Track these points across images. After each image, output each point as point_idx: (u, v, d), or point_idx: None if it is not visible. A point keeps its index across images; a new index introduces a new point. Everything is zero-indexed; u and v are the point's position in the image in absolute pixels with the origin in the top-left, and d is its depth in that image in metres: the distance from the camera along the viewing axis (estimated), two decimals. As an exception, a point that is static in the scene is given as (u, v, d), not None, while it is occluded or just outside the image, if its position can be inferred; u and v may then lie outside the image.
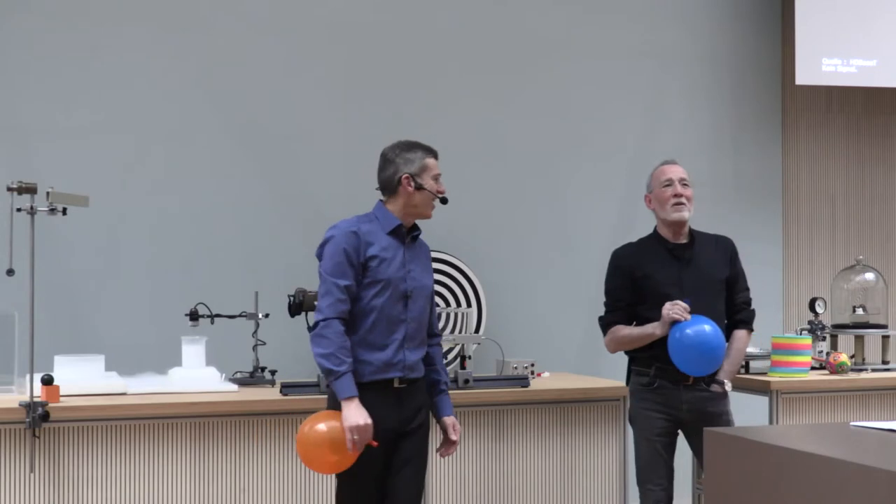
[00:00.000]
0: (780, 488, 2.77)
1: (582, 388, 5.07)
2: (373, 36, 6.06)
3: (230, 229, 5.79)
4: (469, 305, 5.97)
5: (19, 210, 4.17)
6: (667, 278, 4.50)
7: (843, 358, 5.30)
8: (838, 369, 5.26)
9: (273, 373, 5.04)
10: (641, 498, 4.57)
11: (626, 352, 4.62)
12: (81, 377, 4.58)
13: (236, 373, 5.06)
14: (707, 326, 4.37)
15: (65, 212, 4.25)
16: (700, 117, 6.68)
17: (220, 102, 5.78)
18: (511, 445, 4.90)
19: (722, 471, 3.03)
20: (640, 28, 6.57)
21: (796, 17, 6.47)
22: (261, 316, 5.06)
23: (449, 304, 5.95)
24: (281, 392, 4.68)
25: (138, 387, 4.65)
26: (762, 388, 5.11)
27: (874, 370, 5.41)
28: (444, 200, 4.01)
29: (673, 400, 4.49)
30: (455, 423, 4.10)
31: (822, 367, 5.37)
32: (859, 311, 5.67)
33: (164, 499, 4.41)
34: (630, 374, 4.64)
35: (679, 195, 4.51)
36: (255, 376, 5.01)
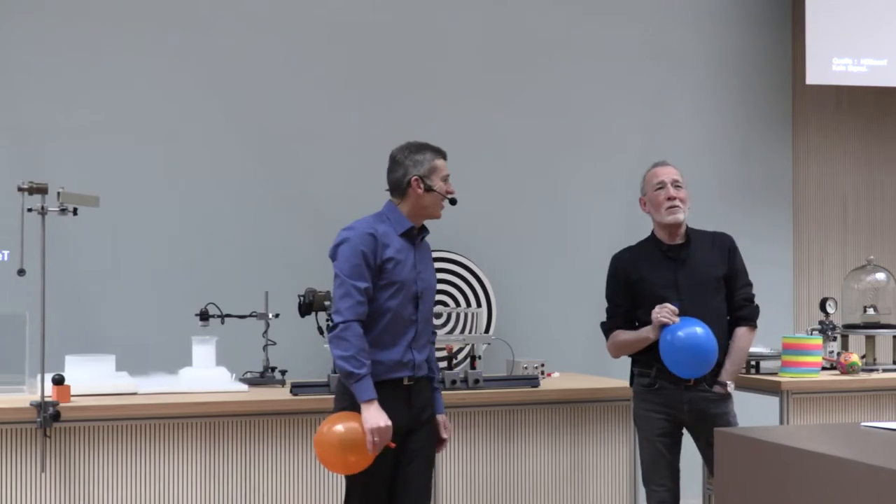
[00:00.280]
0: (791, 488, 2.77)
1: (592, 389, 5.07)
2: (375, 36, 6.06)
3: (241, 229, 5.79)
4: (479, 305, 5.97)
5: (30, 210, 4.19)
6: (662, 280, 4.48)
7: (854, 358, 5.29)
8: (849, 369, 5.25)
9: (283, 373, 5.04)
10: (647, 498, 4.57)
11: (629, 354, 4.61)
12: (92, 377, 4.59)
13: (246, 373, 5.07)
14: (698, 329, 4.31)
15: (75, 212, 4.26)
16: (709, 118, 6.67)
17: (229, 103, 5.79)
18: (521, 445, 4.90)
19: (732, 471, 3.03)
20: (649, 28, 6.56)
21: (806, 16, 6.45)
22: (271, 316, 5.07)
23: (459, 305, 5.95)
24: (291, 392, 4.68)
25: (149, 387, 4.66)
26: (773, 389, 5.10)
27: (885, 370, 5.40)
28: (453, 201, 4.04)
29: (674, 401, 4.48)
30: (446, 421, 4.16)
31: (832, 368, 5.36)
32: (870, 311, 5.66)
33: (174, 498, 4.42)
34: (633, 375, 4.64)
35: (672, 197, 4.48)
36: (265, 376, 5.02)
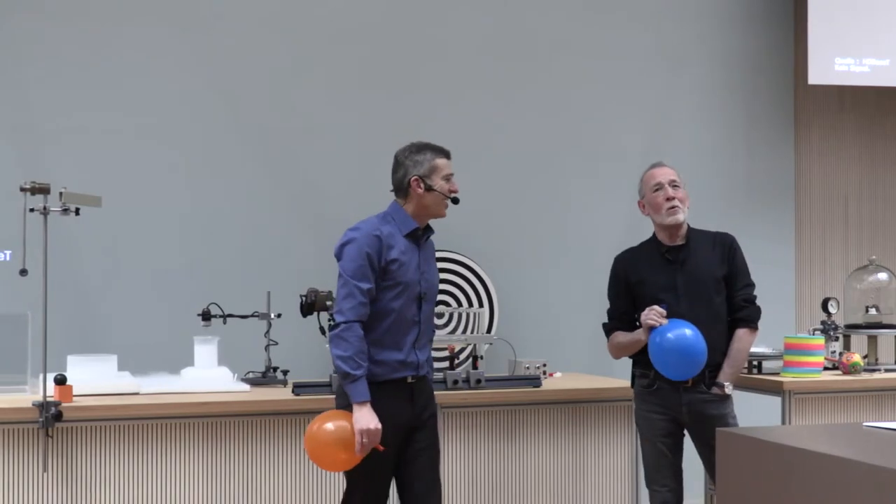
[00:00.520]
0: (793, 489, 2.77)
1: (594, 389, 5.07)
2: (376, 37, 6.05)
3: (243, 229, 5.79)
4: (481, 305, 5.97)
5: (32, 210, 4.19)
6: (660, 282, 4.47)
7: (856, 358, 5.29)
8: (851, 369, 5.25)
9: (285, 373, 5.05)
10: (650, 499, 4.57)
11: (629, 355, 4.61)
12: (94, 377, 4.59)
13: (248, 373, 5.07)
14: (687, 330, 4.30)
15: (77, 212, 4.27)
16: (712, 117, 6.67)
17: (231, 103, 5.79)
18: (523, 445, 4.90)
19: (734, 471, 3.03)
20: (651, 28, 6.55)
21: (809, 16, 6.45)
22: (273, 316, 5.07)
23: (461, 305, 5.95)
24: (293, 392, 4.69)
25: (151, 387, 4.66)
26: (775, 389, 5.09)
27: (887, 370, 5.39)
28: (454, 200, 4.04)
29: (673, 402, 4.47)
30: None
31: (834, 368, 5.35)
32: (872, 311, 5.65)
33: (176, 498, 4.42)
34: (633, 376, 4.63)
35: (671, 198, 4.47)
36: (267, 376, 5.02)
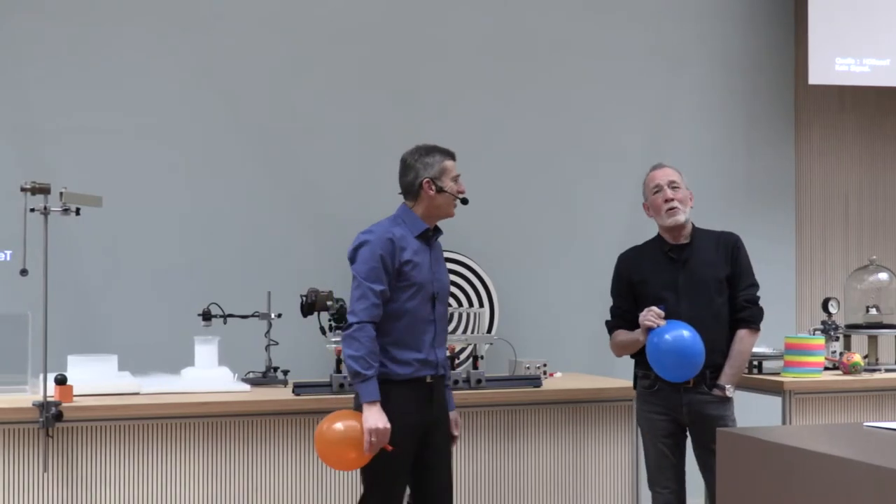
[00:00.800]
0: (793, 489, 2.77)
1: (594, 389, 5.07)
2: (377, 37, 6.05)
3: (243, 229, 5.79)
4: (482, 306, 5.97)
5: (33, 210, 4.19)
6: (662, 281, 4.47)
7: (857, 358, 5.28)
8: (851, 369, 5.24)
9: (285, 373, 5.05)
10: (652, 500, 4.57)
11: (631, 355, 4.61)
12: (94, 377, 4.59)
13: (249, 373, 5.07)
14: (684, 332, 4.29)
15: (78, 212, 4.27)
16: (712, 117, 6.67)
17: (232, 103, 5.79)
18: (523, 445, 4.90)
19: (734, 471, 3.03)
20: (652, 28, 6.55)
21: (809, 16, 6.45)
22: (273, 316, 5.07)
23: (462, 305, 5.95)
24: (293, 392, 4.68)
25: (151, 386, 4.66)
26: (775, 389, 5.09)
27: (888, 370, 5.39)
28: (464, 201, 4.16)
29: (673, 402, 4.47)
30: (457, 418, 4.29)
31: (835, 368, 5.35)
32: (873, 311, 5.65)
33: (176, 498, 4.42)
34: (636, 377, 4.63)
35: (670, 199, 4.48)
36: (267, 376, 5.02)
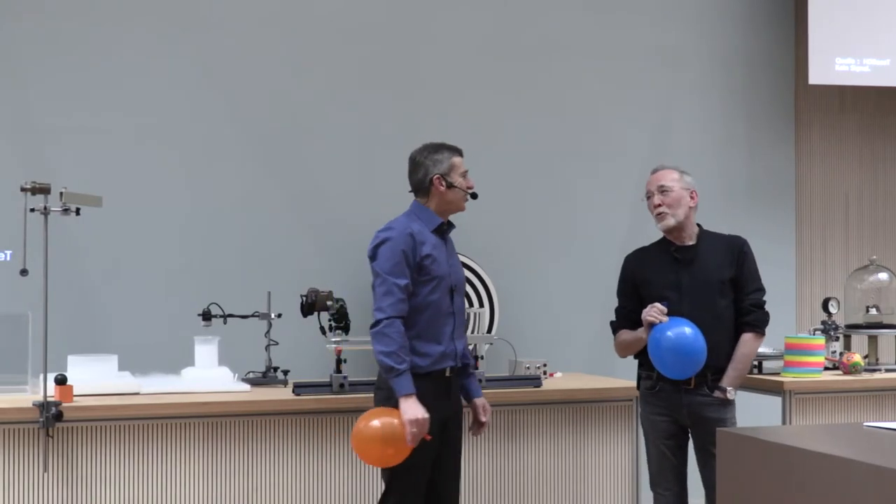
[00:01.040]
0: (793, 489, 2.77)
1: (594, 389, 5.07)
2: (378, 37, 6.04)
3: (243, 229, 5.79)
4: (482, 305, 5.97)
5: (33, 210, 4.19)
6: (665, 281, 4.48)
7: (857, 358, 5.29)
8: (851, 369, 5.25)
9: (285, 373, 5.05)
10: (654, 502, 4.57)
11: (634, 356, 4.61)
12: (95, 377, 4.60)
13: (249, 373, 5.07)
14: (686, 329, 4.30)
15: (78, 212, 4.27)
16: (712, 117, 6.67)
17: (232, 102, 5.79)
18: (523, 445, 4.90)
19: (734, 471, 3.03)
20: (652, 28, 6.55)
21: (809, 16, 6.45)
22: (273, 316, 5.08)
23: (461, 305, 5.94)
24: (293, 392, 4.69)
25: (151, 387, 4.67)
26: (775, 389, 5.09)
27: (888, 370, 5.39)
28: (474, 196, 4.30)
29: (674, 403, 4.47)
30: (486, 404, 4.40)
31: (835, 368, 5.35)
32: (873, 311, 5.65)
33: (176, 498, 4.43)
34: (639, 378, 4.64)
35: (658, 205, 4.51)
36: (267, 376, 5.02)
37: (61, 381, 4.28)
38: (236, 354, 5.07)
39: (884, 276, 5.76)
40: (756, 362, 5.25)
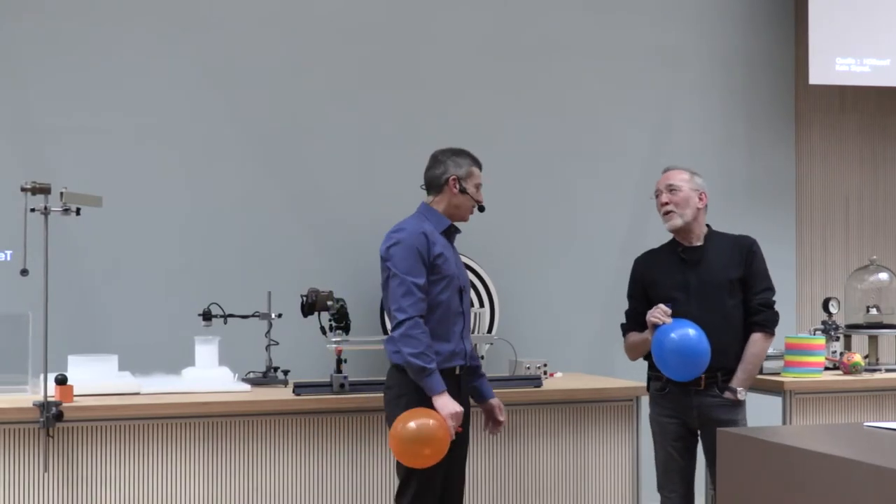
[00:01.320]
0: (793, 489, 2.77)
1: (594, 389, 5.07)
2: (378, 37, 6.03)
3: (243, 229, 5.79)
4: (482, 305, 5.96)
5: (33, 210, 4.19)
6: (672, 282, 4.48)
7: (857, 358, 5.29)
8: (852, 369, 5.25)
9: (286, 373, 5.05)
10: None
11: (644, 358, 4.60)
12: (95, 377, 4.60)
13: (249, 373, 5.07)
14: (690, 330, 4.29)
15: (78, 212, 4.27)
16: (713, 117, 6.67)
17: (232, 102, 5.78)
18: (523, 445, 4.90)
19: (735, 471, 3.03)
20: (652, 28, 6.55)
21: (809, 16, 6.45)
22: (273, 316, 5.08)
23: (461, 305, 5.94)
24: (294, 392, 4.69)
25: (151, 387, 4.67)
26: (775, 389, 5.09)
27: (888, 370, 5.40)
28: (481, 208, 4.36)
29: (684, 405, 4.47)
30: (500, 403, 4.44)
31: (835, 368, 5.36)
32: (873, 311, 5.66)
33: (176, 498, 4.43)
34: (649, 380, 4.63)
35: (665, 204, 4.51)
36: (267, 376, 5.02)
37: (61, 381, 4.28)
38: (236, 354, 5.07)
39: (884, 276, 5.76)
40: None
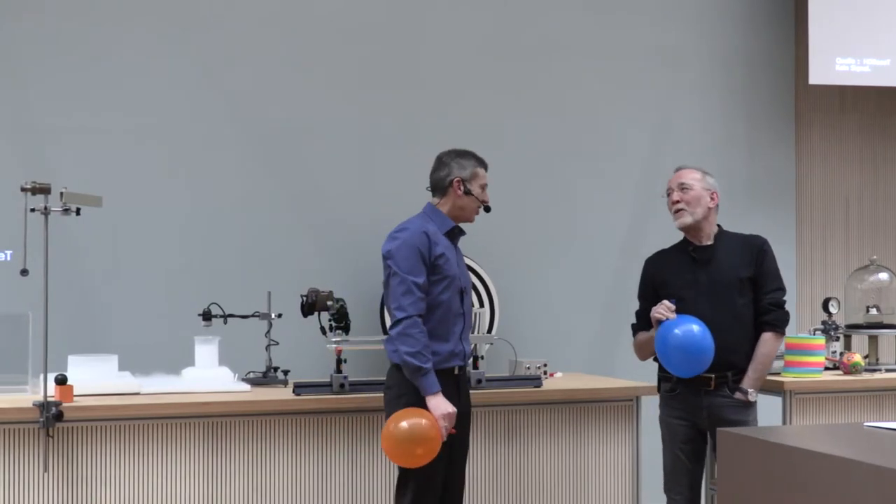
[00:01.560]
0: (794, 489, 2.77)
1: (594, 389, 5.07)
2: (378, 36, 6.02)
3: (243, 229, 5.79)
4: (482, 305, 5.96)
5: (33, 210, 4.19)
6: (682, 281, 4.48)
7: (857, 358, 5.29)
8: (852, 369, 5.25)
9: (286, 373, 5.05)
10: None
11: (654, 359, 4.60)
12: (95, 377, 4.60)
13: (249, 373, 5.07)
14: (694, 326, 4.29)
15: (78, 212, 4.27)
16: (712, 117, 6.66)
17: (232, 102, 5.78)
18: (523, 445, 4.90)
19: (735, 471, 3.02)
20: (652, 28, 6.55)
21: (809, 16, 6.45)
22: (273, 316, 5.08)
23: (461, 305, 5.94)
24: (294, 392, 4.69)
25: (151, 387, 4.67)
26: (776, 389, 5.09)
27: (888, 370, 5.40)
28: (487, 209, 4.39)
29: (694, 406, 4.46)
30: None
31: (835, 368, 5.35)
32: (873, 311, 5.66)
33: (176, 498, 4.43)
34: (659, 381, 4.63)
35: (676, 202, 4.51)
36: (267, 376, 5.02)
37: (61, 381, 4.28)
38: (236, 354, 5.07)
39: (884, 276, 5.76)
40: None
